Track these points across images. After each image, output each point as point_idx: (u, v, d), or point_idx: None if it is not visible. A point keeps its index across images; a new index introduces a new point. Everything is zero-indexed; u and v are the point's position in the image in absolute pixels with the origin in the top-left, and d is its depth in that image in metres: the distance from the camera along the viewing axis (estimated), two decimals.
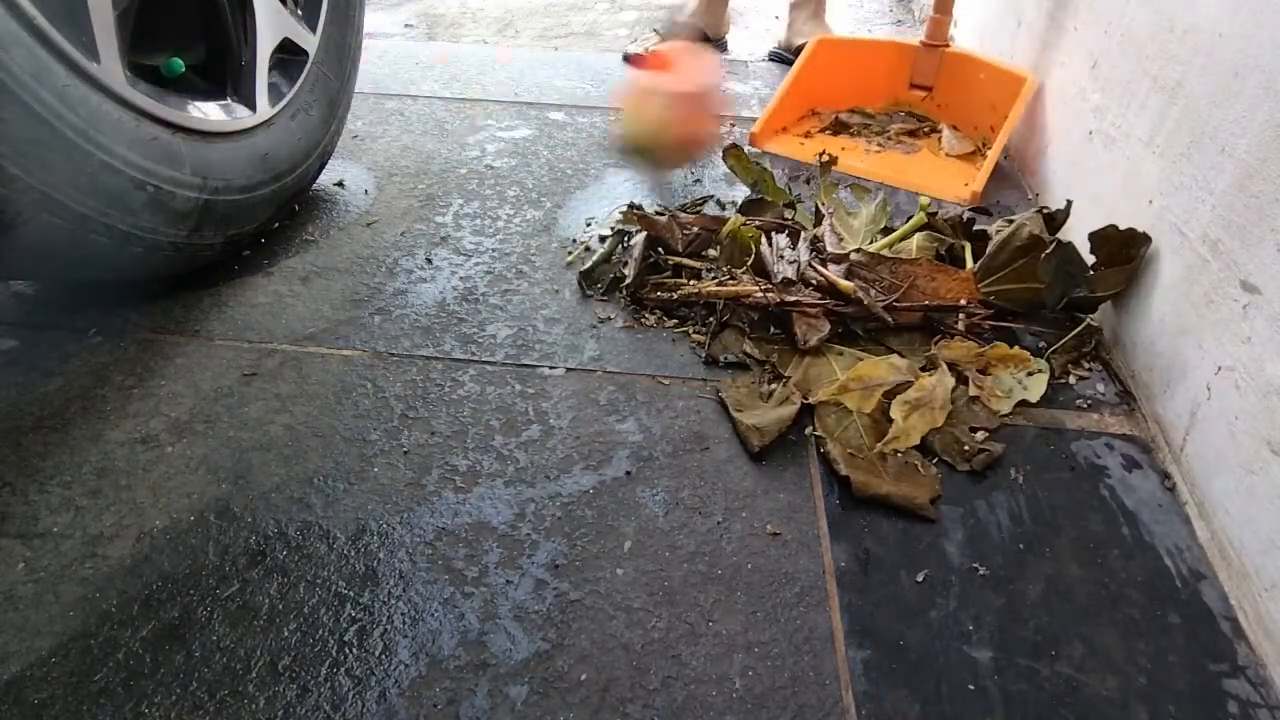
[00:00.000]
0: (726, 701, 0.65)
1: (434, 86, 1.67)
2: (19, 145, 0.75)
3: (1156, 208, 0.96)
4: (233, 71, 1.03)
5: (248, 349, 0.97)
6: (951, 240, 1.13)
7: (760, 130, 1.48)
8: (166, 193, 0.91)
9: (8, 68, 0.72)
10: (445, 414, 0.90)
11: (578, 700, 0.65)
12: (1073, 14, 1.30)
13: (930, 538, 0.79)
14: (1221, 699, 0.67)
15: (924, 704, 0.65)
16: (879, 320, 0.99)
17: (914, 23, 2.19)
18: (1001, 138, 1.38)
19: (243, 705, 0.63)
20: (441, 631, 0.69)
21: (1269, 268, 0.75)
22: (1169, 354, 0.90)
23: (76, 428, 0.86)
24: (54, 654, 0.66)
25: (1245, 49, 0.84)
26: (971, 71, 1.51)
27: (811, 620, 0.71)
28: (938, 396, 0.90)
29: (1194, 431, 0.84)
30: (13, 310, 1.01)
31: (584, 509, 0.80)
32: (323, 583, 0.72)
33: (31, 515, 0.77)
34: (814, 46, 1.56)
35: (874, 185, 1.36)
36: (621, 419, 0.90)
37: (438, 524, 0.78)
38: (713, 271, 1.08)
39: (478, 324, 1.03)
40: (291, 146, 1.12)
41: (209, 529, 0.76)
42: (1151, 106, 1.01)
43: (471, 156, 1.42)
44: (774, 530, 0.79)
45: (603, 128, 1.54)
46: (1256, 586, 0.72)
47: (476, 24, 2.13)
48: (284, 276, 1.10)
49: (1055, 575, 0.76)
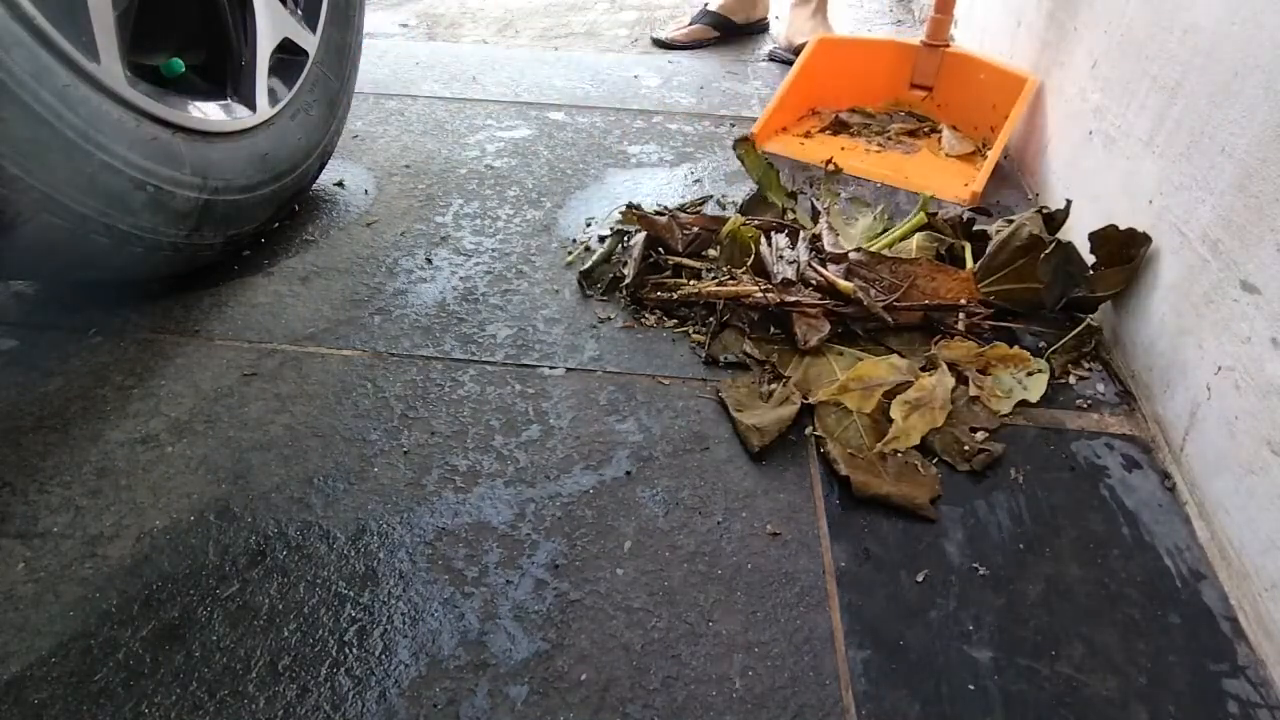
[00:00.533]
0: (726, 701, 0.65)
1: (434, 86, 1.67)
2: (19, 145, 0.75)
3: (1156, 208, 0.96)
4: (233, 71, 1.03)
5: (248, 349, 0.97)
6: (951, 240, 1.13)
7: (760, 130, 1.48)
8: (166, 193, 0.91)
9: (8, 68, 0.72)
10: (445, 414, 0.90)
11: (578, 700, 0.65)
12: (1073, 14, 1.30)
13: (930, 538, 0.79)
14: (1221, 699, 0.67)
15: (924, 704, 0.65)
16: (879, 320, 0.99)
17: (914, 23, 2.19)
18: (1001, 138, 1.38)
19: (243, 705, 0.63)
20: (441, 631, 0.69)
21: (1269, 268, 0.75)
22: (1169, 354, 0.90)
23: (76, 428, 0.86)
24: (54, 654, 0.66)
25: (1245, 49, 0.84)
26: (972, 71, 1.51)
27: (811, 620, 0.71)
28: (938, 396, 0.90)
29: (1194, 431, 0.84)
30: (13, 310, 1.01)
31: (584, 509, 0.80)
32: (323, 583, 0.72)
33: (31, 515, 0.77)
34: (814, 46, 1.56)
35: (873, 196, 1.36)
36: (621, 419, 0.90)
37: (438, 524, 0.78)
38: (713, 271, 1.08)
39: (478, 324, 1.03)
40: (291, 146, 1.12)
41: (209, 529, 0.76)
42: (1151, 106, 1.01)
43: (471, 156, 1.42)
44: (774, 530, 0.79)
45: (603, 127, 1.54)
46: (1256, 586, 0.72)
47: (476, 24, 2.13)
48: (284, 276, 1.10)
49: (1055, 575, 0.76)
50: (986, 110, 1.48)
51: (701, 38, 1.99)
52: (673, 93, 1.72)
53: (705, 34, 1.99)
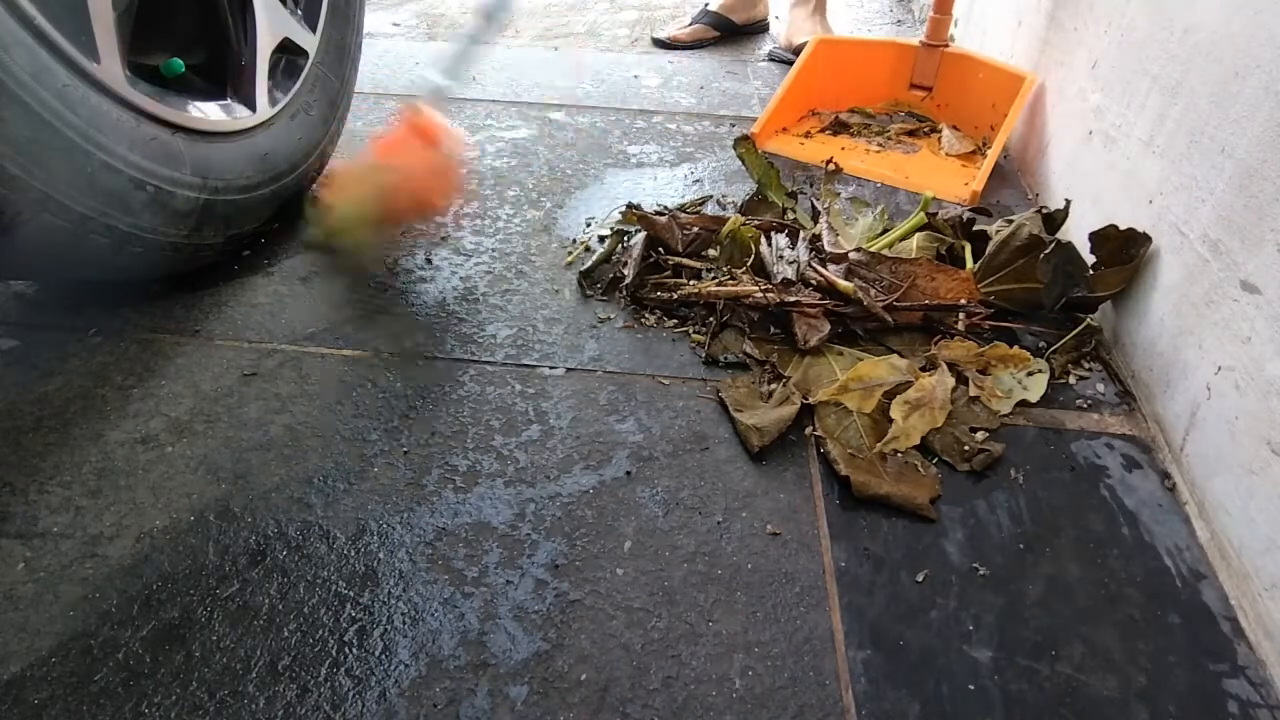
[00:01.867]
0: (726, 701, 0.65)
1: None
2: (19, 145, 0.75)
3: (1156, 208, 0.96)
4: (232, 71, 1.03)
5: (248, 349, 0.97)
6: (951, 240, 1.13)
7: (760, 130, 1.48)
8: (166, 193, 0.91)
9: (8, 68, 0.72)
10: (445, 414, 0.90)
11: (578, 700, 0.65)
12: (1073, 13, 1.30)
13: (930, 538, 0.79)
14: (1221, 699, 0.67)
15: (924, 704, 0.65)
16: (879, 320, 0.99)
17: (914, 23, 2.19)
18: (1001, 137, 1.38)
19: (243, 705, 0.63)
20: (441, 631, 0.69)
21: (1269, 268, 0.75)
22: (1169, 354, 0.90)
23: (76, 428, 0.86)
24: (54, 654, 0.66)
25: (1245, 49, 0.84)
26: (971, 71, 1.51)
27: (811, 620, 0.71)
28: (938, 396, 0.90)
29: (1194, 431, 0.84)
30: (13, 310, 1.01)
31: (584, 509, 0.80)
32: (323, 583, 0.72)
33: (31, 515, 0.77)
34: (814, 46, 1.56)
35: (873, 196, 1.36)
36: (621, 419, 0.90)
37: (438, 524, 0.78)
38: (713, 271, 1.08)
39: (478, 324, 1.03)
40: (291, 146, 1.12)
41: (209, 529, 0.76)
42: (1151, 106, 1.01)
43: (471, 156, 1.42)
44: (774, 530, 0.79)
45: (603, 127, 1.54)
46: (1256, 586, 0.72)
47: None
48: (284, 276, 1.10)
49: (1055, 575, 0.76)
50: (986, 110, 1.48)
51: (702, 37, 1.99)
52: (673, 93, 1.72)
53: (705, 34, 1.99)
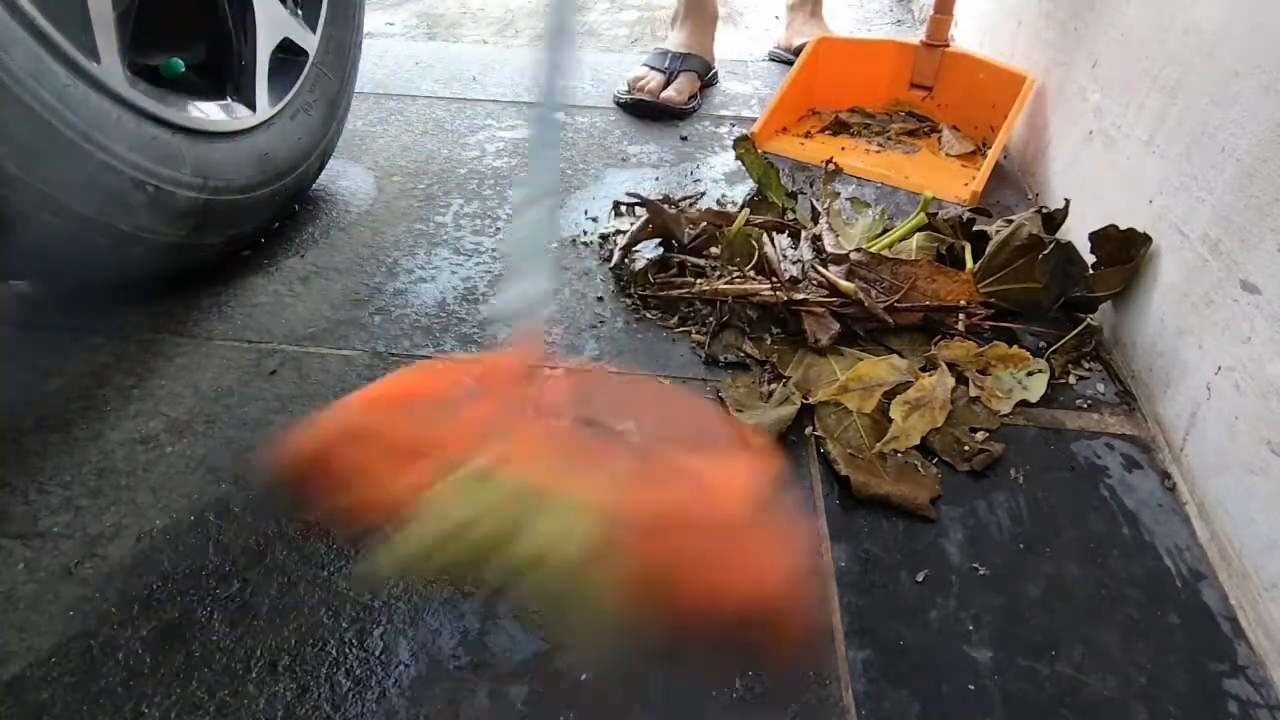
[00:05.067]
0: (726, 701, 0.65)
1: (434, 86, 1.67)
2: (19, 145, 0.75)
3: (1156, 207, 0.96)
4: (233, 71, 1.03)
5: (248, 349, 0.97)
6: (951, 240, 1.13)
7: (760, 130, 1.48)
8: (166, 193, 0.91)
9: (8, 68, 0.72)
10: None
11: (578, 700, 0.64)
12: (1072, 13, 1.30)
13: (930, 538, 0.79)
14: (1221, 699, 0.67)
15: (924, 704, 0.65)
16: (880, 321, 0.99)
17: (914, 22, 2.19)
18: (1001, 137, 1.38)
19: (243, 705, 0.63)
20: (441, 631, 0.69)
21: (1269, 268, 0.75)
22: (1169, 354, 0.90)
23: (76, 428, 0.86)
24: (54, 654, 0.66)
25: (1245, 49, 0.84)
26: (971, 71, 1.51)
27: (811, 620, 0.71)
28: (938, 397, 0.90)
29: (1194, 431, 0.84)
30: (13, 310, 1.01)
31: None
32: (323, 583, 0.72)
33: (31, 515, 0.77)
34: (814, 46, 1.56)
35: (873, 196, 1.36)
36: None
37: None
38: (717, 269, 1.08)
39: (478, 324, 1.03)
40: (291, 146, 1.12)
41: (209, 529, 0.76)
42: (1151, 106, 1.01)
43: (471, 156, 1.42)
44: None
45: (603, 127, 1.54)
46: (1256, 586, 0.72)
47: (477, 24, 2.13)
48: (284, 276, 1.10)
49: (1055, 575, 0.76)
50: (986, 110, 1.48)
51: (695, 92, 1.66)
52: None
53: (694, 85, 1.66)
